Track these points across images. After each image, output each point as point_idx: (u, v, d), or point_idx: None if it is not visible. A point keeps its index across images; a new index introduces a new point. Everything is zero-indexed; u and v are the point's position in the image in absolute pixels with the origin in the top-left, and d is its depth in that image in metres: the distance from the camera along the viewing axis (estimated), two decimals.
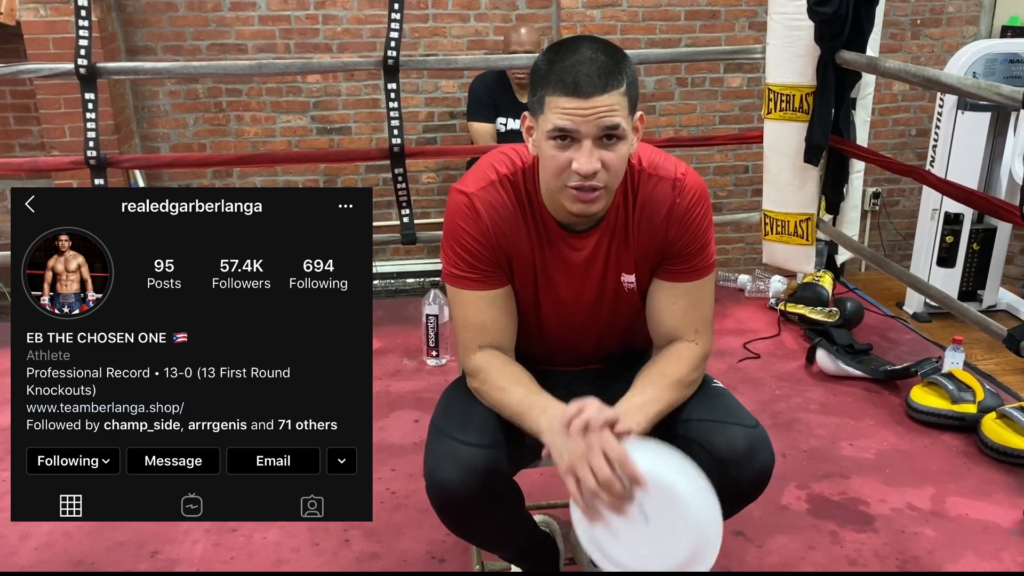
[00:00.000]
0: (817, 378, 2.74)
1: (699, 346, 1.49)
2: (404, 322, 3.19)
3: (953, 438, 2.37)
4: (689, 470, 1.22)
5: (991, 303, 4.45)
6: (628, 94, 1.33)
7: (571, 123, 1.30)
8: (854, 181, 3.26)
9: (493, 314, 1.47)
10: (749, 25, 4.60)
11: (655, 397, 1.39)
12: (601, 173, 1.33)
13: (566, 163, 1.33)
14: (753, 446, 1.39)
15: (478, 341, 1.47)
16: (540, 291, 1.51)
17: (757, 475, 1.40)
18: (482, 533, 1.51)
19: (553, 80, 1.31)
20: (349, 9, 4.38)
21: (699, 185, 1.48)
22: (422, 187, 4.66)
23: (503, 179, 1.45)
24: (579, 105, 1.29)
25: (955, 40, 4.84)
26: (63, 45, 3.84)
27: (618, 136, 1.32)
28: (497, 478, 1.37)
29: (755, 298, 3.39)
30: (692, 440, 1.40)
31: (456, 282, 1.47)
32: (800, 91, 3.00)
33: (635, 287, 1.52)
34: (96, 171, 2.90)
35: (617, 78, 1.31)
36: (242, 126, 4.48)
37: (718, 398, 1.49)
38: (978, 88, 2.32)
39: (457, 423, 1.42)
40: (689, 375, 1.45)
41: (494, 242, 1.44)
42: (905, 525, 2.01)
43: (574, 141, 1.32)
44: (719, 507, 1.24)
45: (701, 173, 4.77)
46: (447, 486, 1.35)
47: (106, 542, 1.96)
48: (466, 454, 1.35)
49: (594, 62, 1.30)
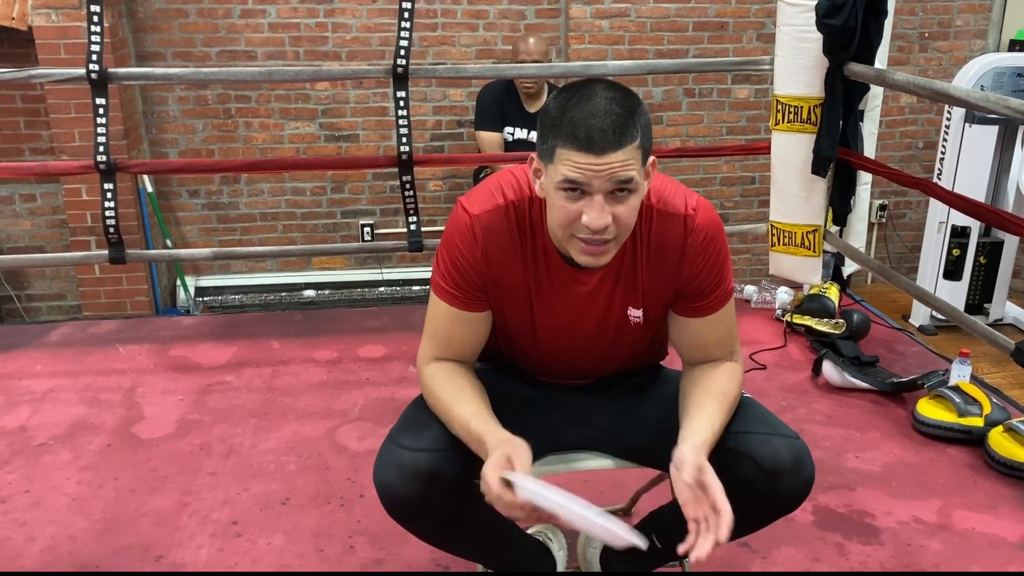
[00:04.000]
0: (823, 390, 2.73)
1: (738, 363, 1.53)
2: (410, 329, 3.20)
3: (959, 451, 2.36)
4: (561, 496, 1.25)
5: (998, 316, 4.45)
6: (642, 145, 1.29)
7: (583, 177, 1.27)
8: (861, 193, 3.25)
9: (462, 333, 1.49)
10: (757, 37, 4.61)
11: (717, 415, 1.40)
12: (611, 227, 1.31)
13: (576, 215, 1.30)
14: (799, 457, 1.41)
15: (437, 352, 1.50)
16: (536, 317, 1.50)
17: (801, 486, 1.42)
18: (437, 536, 1.52)
19: (565, 132, 1.27)
20: (358, 17, 4.40)
21: (711, 221, 1.45)
22: (429, 195, 4.67)
23: (509, 205, 1.43)
24: (592, 161, 1.26)
25: (963, 53, 4.85)
26: (74, 50, 3.86)
27: (630, 189, 1.30)
28: (440, 481, 1.38)
29: (761, 309, 3.39)
30: (739, 452, 1.41)
31: (439, 293, 1.48)
32: (808, 103, 3.00)
33: (642, 321, 1.51)
34: (105, 176, 2.92)
35: (632, 132, 1.27)
36: (251, 132, 4.50)
37: (754, 409, 1.51)
38: (986, 101, 2.32)
39: (404, 430, 1.44)
40: (738, 391, 1.48)
41: (485, 268, 1.44)
42: (911, 538, 2.00)
43: (584, 194, 1.29)
44: (592, 509, 1.25)
45: (708, 184, 4.85)
46: (388, 490, 1.39)
47: (111, 546, 1.96)
48: (406, 458, 1.38)
49: (609, 115, 1.26)
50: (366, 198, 4.69)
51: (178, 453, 2.36)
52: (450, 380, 1.46)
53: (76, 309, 4.55)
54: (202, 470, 2.28)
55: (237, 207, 4.62)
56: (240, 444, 2.40)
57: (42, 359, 2.95)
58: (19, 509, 2.10)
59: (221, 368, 2.89)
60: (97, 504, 2.12)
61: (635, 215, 1.35)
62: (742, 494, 1.37)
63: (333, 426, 2.50)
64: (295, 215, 4.67)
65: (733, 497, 1.34)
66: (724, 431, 1.43)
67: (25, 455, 2.34)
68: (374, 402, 2.65)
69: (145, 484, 2.21)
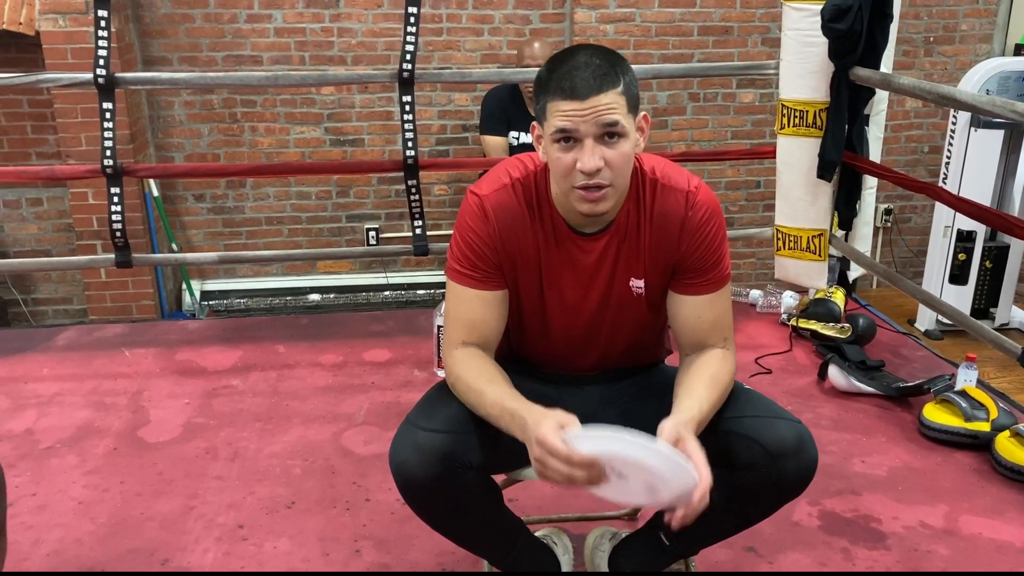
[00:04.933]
0: (829, 394, 2.73)
1: (730, 351, 1.56)
2: (415, 333, 3.20)
3: (966, 456, 2.36)
4: (624, 433, 1.25)
5: (1004, 321, 4.44)
6: (626, 93, 1.37)
7: (571, 123, 1.35)
8: (866, 197, 3.25)
9: (484, 313, 1.52)
10: (762, 41, 4.61)
11: (705, 397, 1.42)
12: (605, 171, 1.38)
13: (571, 164, 1.38)
14: (802, 439, 1.43)
15: (463, 337, 1.52)
16: (545, 292, 1.55)
17: (805, 469, 1.44)
18: (447, 521, 1.52)
19: (552, 86, 1.37)
20: (364, 22, 4.41)
21: (711, 200, 1.52)
22: (434, 199, 4.68)
23: (515, 183, 1.51)
24: (577, 106, 1.35)
25: (968, 58, 4.84)
26: (81, 55, 3.87)
27: (619, 134, 1.37)
28: (455, 463, 1.40)
29: (767, 313, 3.38)
30: (743, 436, 1.43)
31: (456, 278, 1.52)
32: (814, 107, 3.00)
33: (643, 292, 1.55)
34: (112, 180, 2.93)
35: (613, 78, 1.36)
36: (256, 137, 4.51)
37: (754, 395, 1.54)
38: (993, 105, 2.32)
39: (422, 413, 1.47)
40: (730, 377, 1.51)
41: (499, 244, 1.49)
42: (918, 543, 2.00)
43: (576, 142, 1.37)
44: (660, 441, 1.26)
45: (713, 188, 4.76)
46: (404, 469, 1.40)
47: (117, 550, 1.97)
48: (423, 439, 1.40)
49: (589, 66, 1.36)
50: (371, 202, 4.70)
51: (184, 457, 2.36)
52: (480, 365, 1.48)
53: (82, 313, 4.56)
54: (208, 474, 2.28)
55: (243, 211, 4.63)
56: (246, 448, 2.41)
57: (48, 363, 2.95)
58: (25, 513, 2.10)
59: (227, 372, 2.89)
60: (103, 508, 2.12)
61: (628, 163, 1.42)
62: (747, 478, 1.43)
63: (339, 430, 2.50)
64: (300, 219, 4.68)
65: (738, 482, 1.42)
66: (726, 416, 1.46)
67: (31, 459, 2.35)
68: (379, 406, 2.65)
69: (151, 488, 2.21)
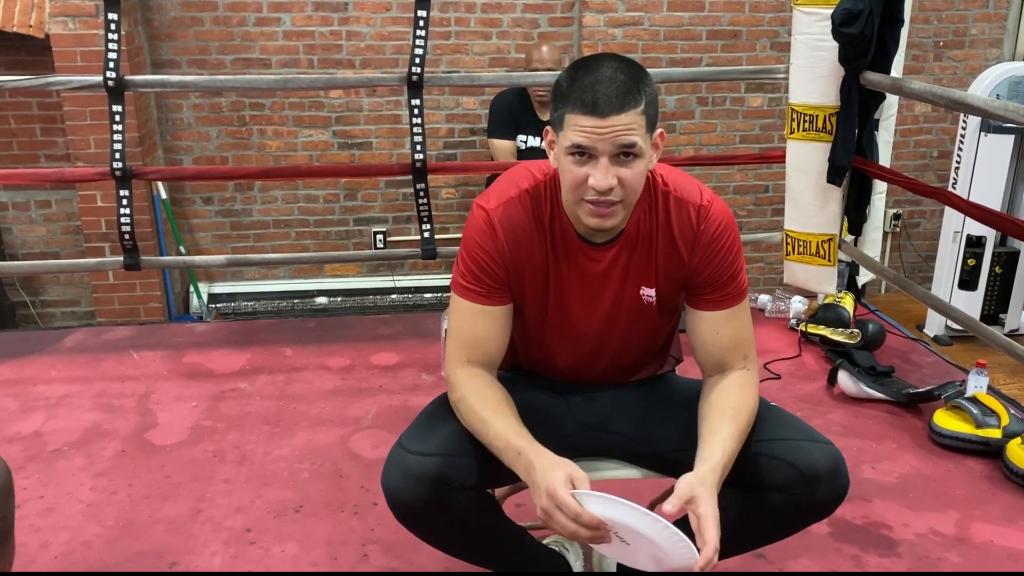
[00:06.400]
0: (838, 400, 2.72)
1: (752, 371, 1.52)
2: (423, 337, 3.20)
3: (977, 463, 2.34)
4: (625, 504, 1.25)
5: (1014, 327, 4.42)
6: (646, 113, 1.35)
7: (588, 140, 1.33)
8: (876, 202, 3.24)
9: (487, 329, 1.50)
10: (771, 45, 4.60)
11: (728, 434, 1.39)
12: (617, 189, 1.36)
13: (583, 178, 1.36)
14: (836, 463, 1.43)
15: (467, 355, 1.50)
16: (553, 303, 1.52)
17: (839, 491, 1.44)
18: (448, 542, 1.52)
19: (573, 98, 1.34)
20: (372, 26, 4.42)
21: (724, 214, 1.49)
22: (441, 203, 4.68)
23: (523, 194, 1.49)
24: (596, 124, 1.32)
25: (978, 62, 4.82)
26: (90, 58, 3.89)
27: (635, 154, 1.35)
28: (447, 485, 1.39)
29: (776, 318, 3.37)
30: (774, 458, 1.42)
31: (461, 292, 1.50)
32: (823, 111, 2.99)
33: (654, 301, 1.53)
34: (121, 182, 2.93)
35: (635, 97, 1.33)
36: (264, 140, 4.52)
37: (784, 415, 1.52)
38: (1005, 110, 2.30)
39: (412, 435, 1.45)
40: (754, 404, 1.48)
41: (506, 259, 1.47)
42: (929, 550, 1.98)
43: (592, 158, 1.35)
44: (657, 517, 1.25)
45: (721, 192, 4.82)
46: (396, 495, 1.40)
47: (125, 553, 1.96)
48: (413, 463, 1.39)
49: (613, 81, 1.32)
50: (379, 205, 4.70)
51: (192, 460, 2.36)
52: (486, 390, 1.46)
53: (90, 315, 4.57)
54: (215, 477, 2.28)
55: (250, 214, 4.64)
56: (253, 451, 2.40)
57: (56, 365, 2.96)
58: (33, 515, 2.10)
59: (234, 375, 2.89)
60: (111, 510, 2.12)
61: (641, 181, 1.40)
62: (780, 499, 1.42)
63: (346, 433, 2.50)
64: (308, 222, 4.68)
65: (771, 502, 1.41)
66: (756, 439, 1.44)
67: (40, 461, 2.35)
68: (387, 410, 2.65)
69: (159, 491, 2.21)
